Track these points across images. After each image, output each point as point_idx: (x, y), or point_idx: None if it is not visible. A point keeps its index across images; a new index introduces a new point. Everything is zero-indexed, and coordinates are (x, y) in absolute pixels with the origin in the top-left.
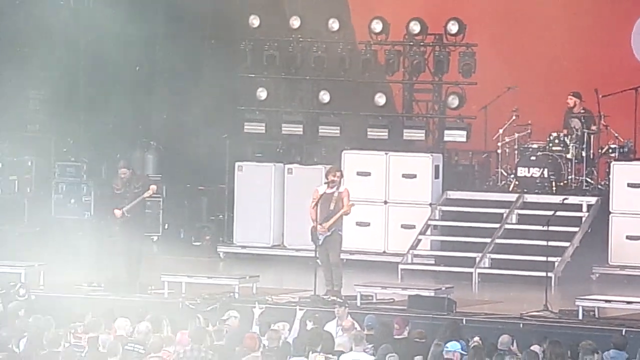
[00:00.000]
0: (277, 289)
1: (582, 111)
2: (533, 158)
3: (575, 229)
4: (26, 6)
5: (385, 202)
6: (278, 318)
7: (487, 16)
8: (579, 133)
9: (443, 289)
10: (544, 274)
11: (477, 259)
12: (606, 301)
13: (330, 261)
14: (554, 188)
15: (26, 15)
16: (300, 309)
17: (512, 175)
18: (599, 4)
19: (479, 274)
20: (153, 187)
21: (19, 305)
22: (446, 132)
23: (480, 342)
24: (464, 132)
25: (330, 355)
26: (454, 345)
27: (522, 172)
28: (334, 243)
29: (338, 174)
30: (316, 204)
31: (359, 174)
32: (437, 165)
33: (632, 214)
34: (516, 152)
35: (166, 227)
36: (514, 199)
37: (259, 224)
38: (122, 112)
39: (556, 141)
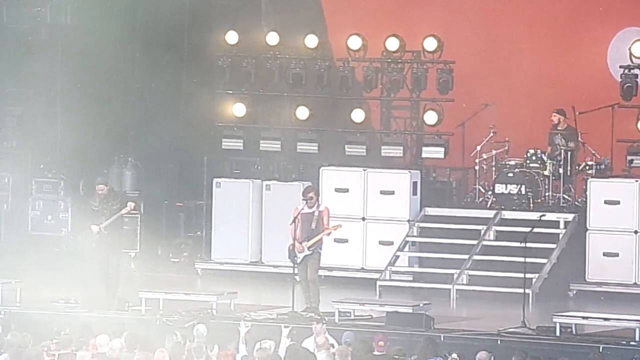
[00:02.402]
0: (255, 305)
1: (562, 129)
2: (510, 175)
3: (553, 246)
4: (3, 22)
5: (364, 219)
6: (260, 335)
7: (465, 33)
8: (562, 150)
9: (421, 305)
10: (521, 290)
11: (455, 276)
12: (583, 318)
13: (309, 278)
14: (531, 205)
15: (3, 31)
16: (285, 327)
17: (490, 192)
18: (576, 22)
19: (456, 290)
20: (131, 204)
21: None
22: (424, 148)
23: (458, 358)
24: (442, 149)
25: None
26: None
27: (499, 188)
28: (314, 261)
29: (312, 194)
30: (294, 222)
31: (337, 190)
32: (415, 181)
33: (609, 230)
34: (494, 168)
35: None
36: (491, 216)
37: (237, 240)
38: (99, 128)
39: (533, 158)
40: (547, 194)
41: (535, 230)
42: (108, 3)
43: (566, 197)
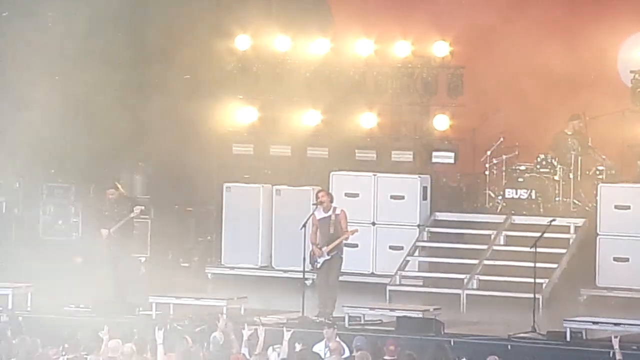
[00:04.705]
0: (265, 310)
1: (572, 133)
2: (521, 180)
3: (563, 251)
4: (14, 28)
5: (374, 224)
6: (267, 339)
7: (475, 38)
8: (573, 154)
9: (431, 310)
10: (531, 295)
11: (465, 280)
12: (594, 323)
13: (329, 283)
14: (541, 209)
15: (14, 37)
16: (287, 330)
17: (500, 197)
18: (586, 27)
19: (466, 295)
20: (138, 208)
21: (4, 327)
22: (434, 153)
23: None
24: (452, 154)
25: None
26: None
27: (509, 193)
28: (335, 266)
29: (321, 194)
30: (304, 226)
31: (347, 195)
32: (425, 186)
33: (619, 235)
34: (504, 173)
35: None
36: (501, 221)
37: (247, 245)
38: (110, 133)
39: (544, 163)
40: (557, 198)
41: (546, 235)
42: (117, 10)
43: (576, 202)
